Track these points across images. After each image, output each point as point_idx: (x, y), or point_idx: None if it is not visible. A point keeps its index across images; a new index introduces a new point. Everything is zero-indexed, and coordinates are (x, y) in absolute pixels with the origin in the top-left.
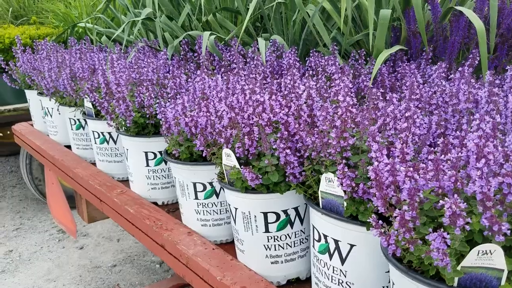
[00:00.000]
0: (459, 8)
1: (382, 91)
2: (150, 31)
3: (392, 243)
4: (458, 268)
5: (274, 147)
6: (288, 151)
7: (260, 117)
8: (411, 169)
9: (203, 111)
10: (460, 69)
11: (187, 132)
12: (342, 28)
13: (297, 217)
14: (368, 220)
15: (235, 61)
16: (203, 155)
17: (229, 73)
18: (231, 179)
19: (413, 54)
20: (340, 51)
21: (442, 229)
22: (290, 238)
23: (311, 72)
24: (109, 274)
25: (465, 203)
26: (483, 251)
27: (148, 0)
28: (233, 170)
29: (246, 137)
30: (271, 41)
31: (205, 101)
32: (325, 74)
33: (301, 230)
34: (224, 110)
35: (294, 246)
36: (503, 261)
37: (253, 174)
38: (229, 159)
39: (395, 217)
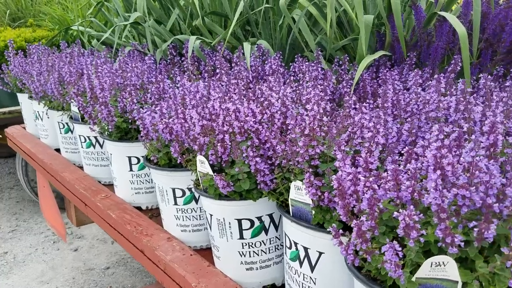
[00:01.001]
0: (442, 13)
1: (355, 98)
2: (141, 35)
3: (350, 253)
4: (413, 279)
5: (245, 154)
6: (258, 159)
7: (231, 125)
8: (371, 179)
9: (179, 118)
10: (436, 76)
11: (165, 138)
12: (328, 33)
13: (271, 224)
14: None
15: (219, 66)
16: (178, 161)
17: (210, 78)
18: (204, 186)
19: (397, 59)
20: (325, 56)
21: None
22: (265, 244)
23: (292, 77)
24: (102, 276)
25: (421, 214)
26: (436, 263)
27: (139, 4)
28: (206, 177)
29: (219, 144)
30: (256, 46)
31: (181, 108)
32: (308, 79)
33: (276, 237)
34: (195, 117)
35: (269, 252)
36: (456, 273)
37: (224, 182)
38: (203, 166)
39: (353, 227)
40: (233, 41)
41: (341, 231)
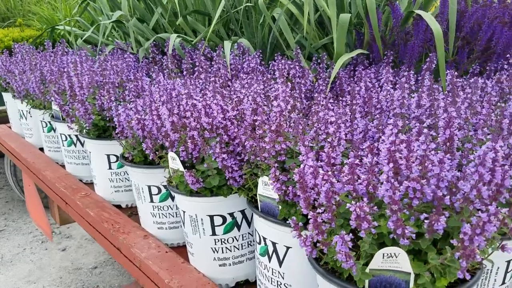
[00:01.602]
0: (418, 11)
1: (331, 96)
2: (126, 34)
3: (308, 245)
4: (367, 270)
5: (211, 151)
6: (225, 155)
7: (199, 121)
8: (329, 172)
9: (152, 114)
10: (405, 73)
11: (140, 136)
12: (308, 32)
13: (244, 220)
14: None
15: (198, 63)
16: (151, 158)
17: (189, 76)
18: (175, 182)
19: (375, 58)
20: (305, 54)
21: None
22: (237, 240)
23: (269, 76)
24: (90, 276)
25: (375, 207)
26: (388, 254)
27: (123, 3)
28: (176, 174)
29: (189, 140)
30: (237, 44)
31: (155, 104)
32: (287, 77)
33: (248, 233)
34: (165, 114)
35: (242, 248)
36: (408, 265)
37: (193, 178)
38: (174, 162)
39: (309, 219)
40: (216, 40)
41: (301, 224)
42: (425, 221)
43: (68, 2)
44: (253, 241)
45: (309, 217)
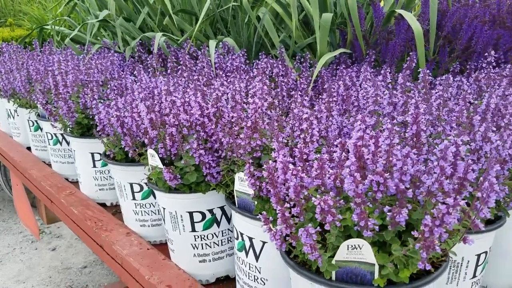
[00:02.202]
0: (399, 11)
1: (301, 93)
2: (114, 33)
3: (278, 238)
4: (333, 262)
5: (188, 147)
6: (202, 151)
7: (177, 118)
8: (299, 167)
9: (132, 111)
10: (382, 71)
11: (120, 133)
12: (294, 31)
13: (223, 216)
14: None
15: (182, 62)
16: (130, 155)
17: (173, 74)
18: (154, 179)
19: (357, 57)
20: (289, 54)
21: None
22: (217, 237)
23: (252, 74)
24: (79, 275)
25: (342, 200)
26: (352, 246)
27: (110, 3)
28: (154, 171)
29: (167, 137)
30: (222, 43)
31: (135, 102)
32: (270, 76)
33: (228, 229)
34: (143, 110)
35: (222, 244)
36: (372, 256)
37: (171, 174)
38: (153, 159)
39: (277, 213)
40: (203, 39)
41: (272, 218)
42: (388, 213)
43: (60, 2)
44: (233, 237)
45: (277, 211)
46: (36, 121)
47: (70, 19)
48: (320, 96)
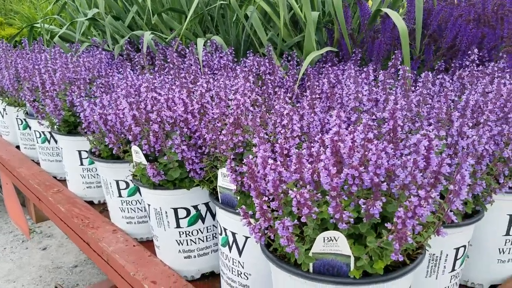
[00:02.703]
0: (384, 9)
1: (284, 91)
2: (103, 32)
3: (257, 232)
4: (310, 254)
5: (170, 143)
6: (185, 147)
7: (159, 114)
8: (278, 162)
9: (117, 109)
10: (365, 69)
11: (105, 130)
12: (282, 30)
13: (208, 212)
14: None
15: (169, 60)
16: (114, 152)
17: (160, 72)
18: (138, 175)
19: (344, 55)
20: (277, 52)
21: None
22: (202, 233)
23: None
24: (70, 274)
25: (319, 194)
26: (328, 238)
27: (100, 1)
28: (138, 167)
29: (151, 134)
30: (210, 41)
31: (119, 99)
32: (258, 74)
33: (213, 225)
34: (126, 107)
35: (207, 240)
36: (347, 248)
37: (154, 170)
38: (138, 156)
39: (256, 207)
40: (192, 38)
41: (251, 212)
42: (363, 206)
43: (50, 1)
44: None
45: (255, 204)
46: (24, 119)
47: (60, 18)
48: (305, 93)
